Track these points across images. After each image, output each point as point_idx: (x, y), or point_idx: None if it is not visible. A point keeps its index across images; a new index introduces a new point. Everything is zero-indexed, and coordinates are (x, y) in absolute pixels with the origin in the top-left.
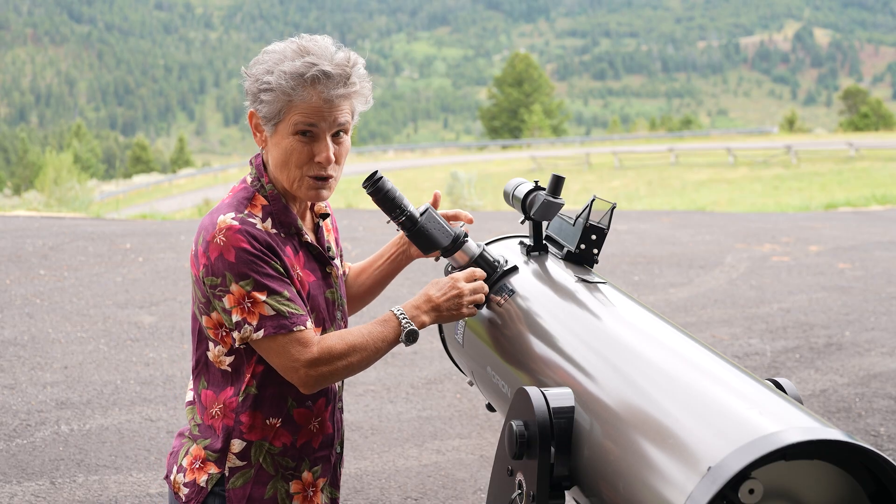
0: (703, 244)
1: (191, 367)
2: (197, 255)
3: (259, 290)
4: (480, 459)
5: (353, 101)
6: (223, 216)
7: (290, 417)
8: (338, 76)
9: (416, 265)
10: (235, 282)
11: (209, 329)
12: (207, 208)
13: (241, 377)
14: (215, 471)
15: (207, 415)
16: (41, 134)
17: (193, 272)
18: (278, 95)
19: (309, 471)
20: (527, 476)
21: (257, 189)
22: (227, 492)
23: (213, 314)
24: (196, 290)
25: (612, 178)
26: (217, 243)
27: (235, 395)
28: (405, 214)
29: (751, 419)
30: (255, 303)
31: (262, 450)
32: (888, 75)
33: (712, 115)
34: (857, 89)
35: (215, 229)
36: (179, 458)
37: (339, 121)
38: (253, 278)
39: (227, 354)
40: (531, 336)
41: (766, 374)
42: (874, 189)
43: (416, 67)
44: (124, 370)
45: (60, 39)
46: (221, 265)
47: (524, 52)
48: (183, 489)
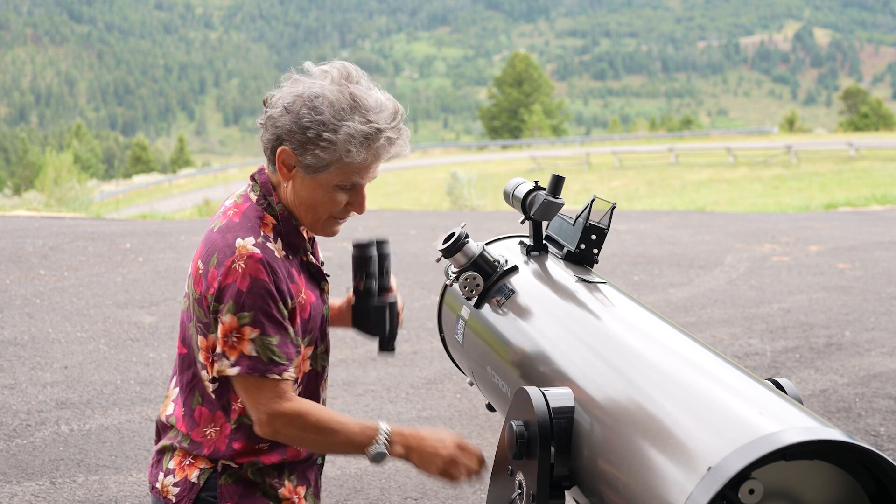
0: (703, 244)
1: (180, 379)
2: (206, 275)
3: (253, 327)
4: None
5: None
6: (242, 240)
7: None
8: (397, 140)
9: (415, 265)
10: (234, 312)
11: (201, 350)
12: (207, 208)
13: (229, 405)
14: (207, 466)
15: (199, 432)
16: (41, 134)
17: (196, 289)
18: (335, 155)
19: (288, 479)
20: (527, 476)
21: (265, 208)
22: (219, 487)
23: (211, 336)
24: (197, 308)
25: (612, 178)
26: (235, 269)
27: (228, 421)
28: (366, 286)
29: (751, 419)
30: (240, 339)
31: (252, 465)
32: (888, 75)
33: (712, 115)
34: (857, 89)
35: (235, 254)
36: (164, 464)
37: (377, 173)
38: (253, 314)
39: (210, 381)
40: (531, 336)
41: (766, 374)
42: (874, 189)
43: (416, 67)
44: (124, 370)
45: (60, 39)
46: (230, 291)
47: (524, 52)
48: (172, 490)
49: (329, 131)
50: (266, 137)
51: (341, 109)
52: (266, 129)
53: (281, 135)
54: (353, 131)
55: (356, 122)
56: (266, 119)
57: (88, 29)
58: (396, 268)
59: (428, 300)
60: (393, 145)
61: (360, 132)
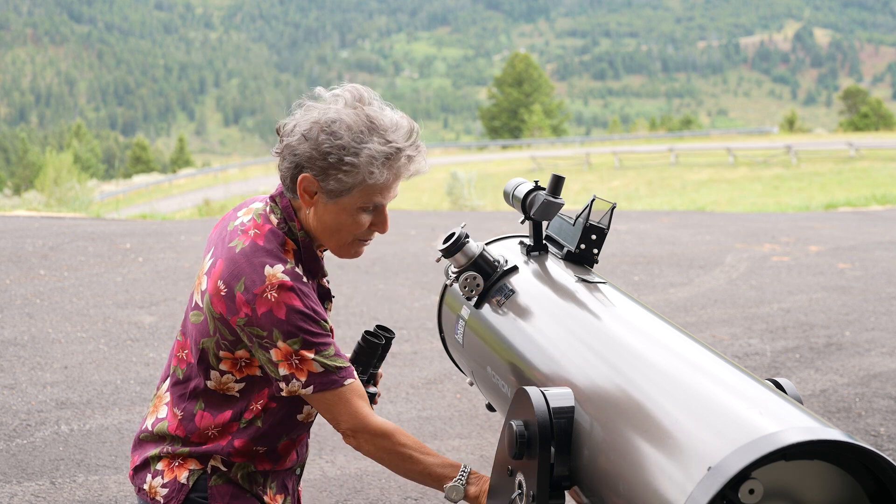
0: (703, 244)
1: (178, 389)
2: (232, 299)
3: (307, 349)
4: (480, 459)
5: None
6: (271, 268)
7: (275, 448)
8: (416, 157)
9: (415, 265)
10: (283, 339)
11: (224, 360)
12: (207, 208)
13: (247, 402)
14: (196, 467)
15: (199, 433)
16: (41, 134)
17: (217, 309)
18: (357, 178)
19: (269, 487)
20: (527, 476)
21: (285, 232)
22: (209, 488)
23: (239, 352)
24: (220, 326)
25: (612, 178)
26: (267, 298)
27: (235, 420)
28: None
29: (751, 419)
30: (302, 360)
31: (242, 468)
32: (888, 75)
33: (712, 115)
34: (857, 89)
35: (265, 284)
36: (151, 467)
37: (398, 192)
38: (301, 337)
39: (236, 381)
40: (531, 336)
41: (766, 374)
42: (874, 189)
43: (416, 67)
44: (124, 370)
45: (60, 39)
46: (269, 321)
47: (524, 52)
48: (160, 491)
49: (350, 155)
50: (285, 166)
51: (360, 132)
52: (284, 158)
53: (300, 162)
54: (374, 153)
55: (375, 143)
56: (283, 148)
57: (88, 29)
58: (397, 268)
59: (428, 300)
60: (413, 163)
61: (381, 153)
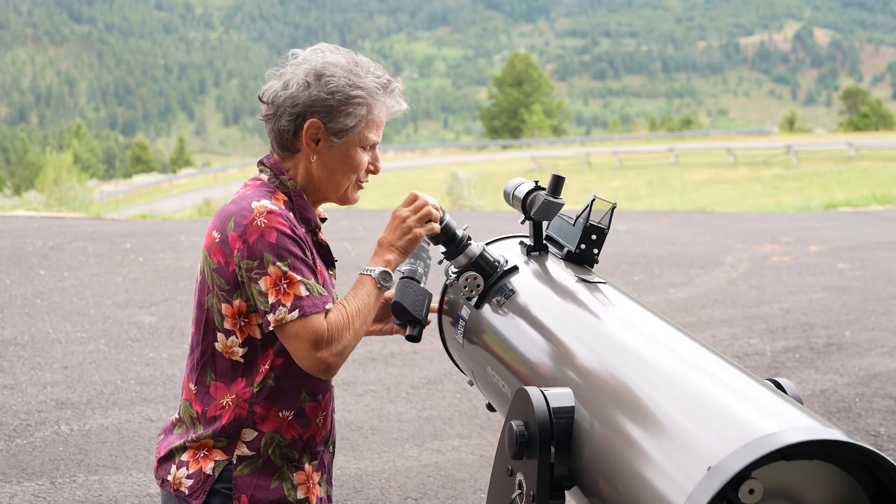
0: (703, 244)
1: (190, 361)
2: (227, 240)
3: (295, 271)
4: (480, 459)
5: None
6: (258, 202)
7: (302, 410)
8: (398, 92)
9: None
10: (273, 262)
11: (227, 318)
12: (207, 208)
13: (254, 369)
14: (222, 458)
15: (216, 405)
16: (41, 134)
17: (216, 259)
18: (363, 111)
19: (309, 463)
20: (527, 476)
21: (276, 186)
22: (234, 479)
23: (236, 302)
24: (216, 277)
25: (612, 178)
26: (258, 225)
27: (249, 385)
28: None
29: (751, 419)
30: (290, 283)
31: (273, 441)
32: (888, 75)
33: (712, 115)
34: (857, 89)
35: (254, 213)
36: (176, 458)
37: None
38: (290, 261)
39: (240, 346)
40: (531, 336)
41: (766, 374)
42: (874, 189)
43: (416, 67)
44: (124, 370)
45: (60, 39)
46: (261, 246)
47: (524, 52)
48: (185, 482)
49: (356, 89)
50: (281, 125)
51: (354, 72)
52: (279, 117)
53: (303, 111)
54: (373, 85)
55: (370, 77)
56: (276, 107)
57: (88, 29)
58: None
59: None
60: (399, 96)
61: (378, 84)
